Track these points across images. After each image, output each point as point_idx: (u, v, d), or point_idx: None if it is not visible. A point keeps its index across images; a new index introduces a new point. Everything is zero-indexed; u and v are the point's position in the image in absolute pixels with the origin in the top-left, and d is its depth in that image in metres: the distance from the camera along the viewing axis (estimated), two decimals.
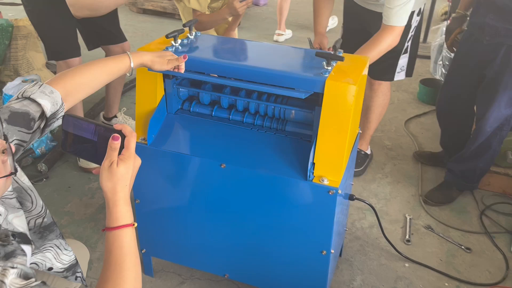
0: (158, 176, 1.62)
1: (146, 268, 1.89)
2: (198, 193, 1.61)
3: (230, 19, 2.69)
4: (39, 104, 1.05)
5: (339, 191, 1.41)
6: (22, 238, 1.03)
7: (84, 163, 2.60)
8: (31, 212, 1.14)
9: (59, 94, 1.09)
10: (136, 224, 0.94)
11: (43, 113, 1.06)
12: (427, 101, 3.47)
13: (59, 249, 1.22)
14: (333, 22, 4.85)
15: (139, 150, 1.21)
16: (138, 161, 0.95)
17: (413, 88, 3.69)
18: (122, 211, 0.91)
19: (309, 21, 5.27)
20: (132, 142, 0.92)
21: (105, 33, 2.62)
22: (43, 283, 0.84)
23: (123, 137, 0.92)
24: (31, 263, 1.12)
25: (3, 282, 0.79)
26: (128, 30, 2.68)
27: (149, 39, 4.43)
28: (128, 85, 3.50)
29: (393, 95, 3.41)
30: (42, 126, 1.08)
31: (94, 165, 2.59)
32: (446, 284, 1.93)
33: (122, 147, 0.92)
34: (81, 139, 0.97)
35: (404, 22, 1.98)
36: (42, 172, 2.52)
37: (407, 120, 3.23)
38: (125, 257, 0.90)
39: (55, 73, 3.22)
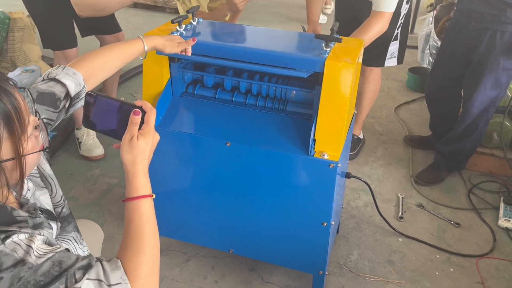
0: (165, 156, 1.69)
1: None
2: (204, 171, 1.69)
3: (229, 15, 2.75)
4: (64, 85, 1.11)
5: (339, 165, 1.50)
6: (49, 214, 1.07)
7: (85, 151, 2.65)
8: (51, 200, 1.14)
9: (81, 75, 1.15)
10: (154, 196, 0.97)
11: (67, 93, 1.12)
12: (416, 88, 3.58)
13: (76, 243, 1.21)
14: (323, 18, 5.05)
15: None
16: (157, 137, 0.99)
17: (401, 77, 3.80)
18: (142, 182, 0.95)
19: (300, 14, 5.36)
20: (152, 117, 0.97)
21: (101, 24, 2.66)
22: (67, 249, 0.89)
23: (144, 113, 0.96)
24: None
25: (30, 246, 0.82)
26: (120, 24, 2.73)
27: (140, 32, 4.45)
28: (123, 76, 3.55)
29: (383, 83, 3.50)
30: (67, 106, 1.14)
31: (95, 153, 2.64)
32: (438, 256, 2.04)
33: (142, 122, 0.96)
34: (103, 116, 1.02)
35: (392, 8, 2.07)
36: None
37: (397, 107, 3.34)
38: (144, 225, 0.93)
39: (51, 65, 3.24)
